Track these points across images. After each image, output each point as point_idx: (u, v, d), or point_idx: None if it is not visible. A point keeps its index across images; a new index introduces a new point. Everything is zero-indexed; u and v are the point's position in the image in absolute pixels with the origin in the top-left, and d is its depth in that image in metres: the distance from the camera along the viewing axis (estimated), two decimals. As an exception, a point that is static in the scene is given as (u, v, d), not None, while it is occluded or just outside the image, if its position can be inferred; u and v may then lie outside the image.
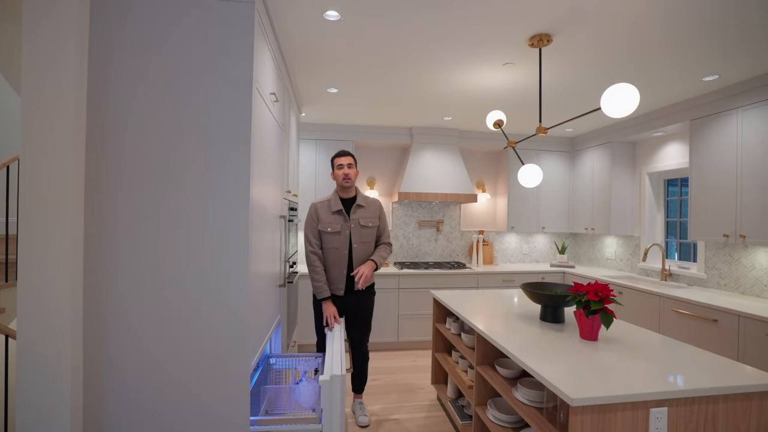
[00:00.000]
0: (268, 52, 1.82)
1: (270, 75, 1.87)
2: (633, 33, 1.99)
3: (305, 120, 3.91)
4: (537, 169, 2.16)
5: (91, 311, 1.34)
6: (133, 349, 1.36)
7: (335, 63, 2.48)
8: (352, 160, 2.36)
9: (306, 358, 1.99)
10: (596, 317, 1.69)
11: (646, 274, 3.74)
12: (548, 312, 2.04)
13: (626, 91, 1.45)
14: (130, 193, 1.37)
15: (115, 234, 1.36)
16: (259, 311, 1.68)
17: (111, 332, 1.35)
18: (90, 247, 1.34)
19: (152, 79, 1.38)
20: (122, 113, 1.36)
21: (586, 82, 2.71)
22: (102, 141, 1.35)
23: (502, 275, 4.04)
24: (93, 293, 1.34)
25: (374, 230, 2.41)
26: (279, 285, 2.25)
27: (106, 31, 1.35)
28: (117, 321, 1.35)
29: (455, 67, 2.49)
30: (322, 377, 1.43)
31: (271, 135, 1.93)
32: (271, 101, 1.90)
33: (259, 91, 1.59)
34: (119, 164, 1.36)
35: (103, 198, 1.35)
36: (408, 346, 3.93)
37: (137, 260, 1.37)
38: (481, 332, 1.90)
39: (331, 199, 2.37)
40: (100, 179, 1.35)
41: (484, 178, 4.71)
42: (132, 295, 1.36)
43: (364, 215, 2.37)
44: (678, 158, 3.47)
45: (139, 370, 1.37)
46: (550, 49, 2.20)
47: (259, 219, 1.64)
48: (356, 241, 2.35)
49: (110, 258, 1.35)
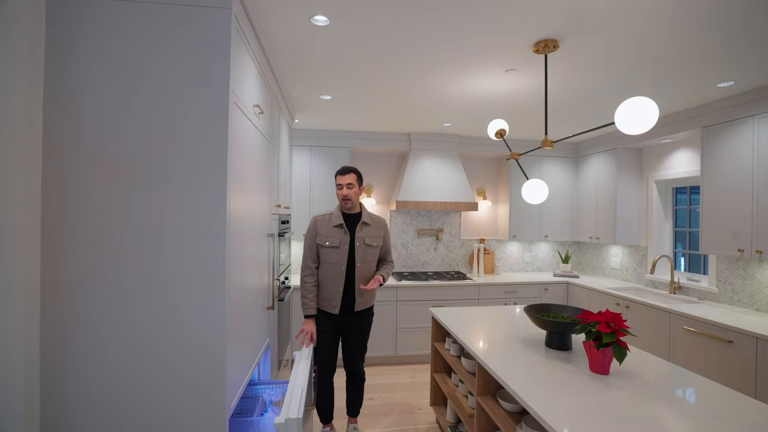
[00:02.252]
0: (251, 61, 1.68)
1: (253, 86, 1.73)
2: (644, 37, 1.85)
3: (299, 126, 3.77)
4: (542, 185, 2.02)
5: (51, 319, 1.21)
6: (97, 359, 1.23)
7: (327, 70, 2.34)
8: (353, 178, 2.22)
9: (273, 386, 1.86)
10: (608, 350, 1.55)
11: (653, 285, 3.60)
12: (554, 339, 1.90)
13: (643, 107, 1.30)
14: (95, 196, 1.23)
15: (76, 243, 1.22)
16: (241, 340, 1.54)
17: (74, 342, 1.22)
18: (49, 254, 1.21)
19: (115, 96, 1.24)
20: (85, 124, 1.22)
21: (595, 90, 2.57)
22: (61, 151, 1.21)
23: (504, 286, 3.90)
24: (52, 301, 1.21)
25: (378, 249, 2.32)
26: (267, 308, 2.11)
27: (65, 37, 1.21)
28: (79, 330, 1.22)
29: (455, 73, 2.35)
30: (277, 419, 1.30)
31: (255, 149, 1.80)
32: (255, 114, 1.76)
33: (239, 105, 1.45)
34: (81, 173, 1.22)
35: (62, 206, 1.21)
36: (406, 360, 3.79)
37: (100, 270, 1.23)
38: (481, 362, 1.76)
39: (333, 213, 2.27)
40: (59, 188, 1.21)
41: (484, 185, 4.57)
42: (95, 308, 1.23)
43: (369, 234, 2.28)
44: (687, 166, 3.32)
45: (102, 381, 1.24)
46: (556, 56, 2.06)
47: (239, 242, 1.50)
48: (360, 260, 2.24)
49: (71, 265, 1.22)
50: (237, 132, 1.44)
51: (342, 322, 2.29)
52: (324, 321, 2.27)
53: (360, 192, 2.25)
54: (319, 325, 2.27)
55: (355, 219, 2.28)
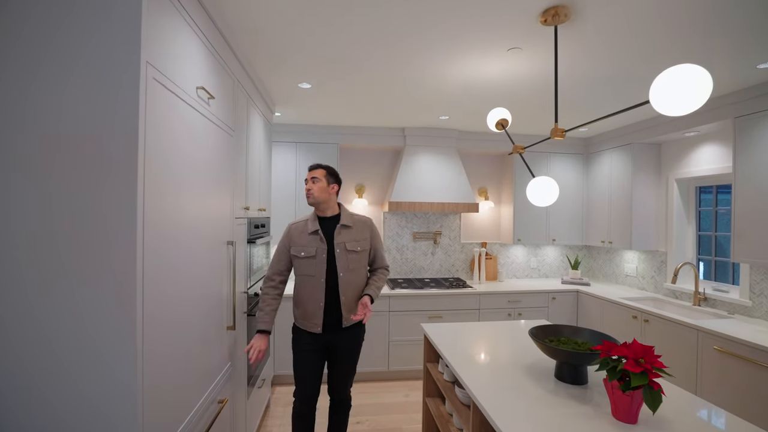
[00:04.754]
0: (193, 37, 1.37)
1: (198, 66, 1.42)
2: (672, 6, 1.51)
3: (281, 120, 3.46)
4: (551, 184, 1.69)
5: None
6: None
7: (301, 52, 2.02)
8: (320, 173, 1.97)
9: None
10: (637, 393, 1.22)
11: (674, 295, 3.24)
12: (566, 370, 1.56)
13: (691, 77, 0.96)
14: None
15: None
16: (176, 390, 1.23)
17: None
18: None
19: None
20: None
21: (612, 70, 2.22)
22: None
23: (507, 295, 3.56)
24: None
25: (364, 254, 2.03)
26: (227, 327, 1.80)
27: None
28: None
29: (450, 55, 2.02)
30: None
31: (204, 142, 1.48)
32: (202, 98, 1.45)
33: (165, 84, 1.13)
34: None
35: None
36: (399, 375, 3.46)
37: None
38: (474, 398, 1.44)
39: (309, 219, 2.01)
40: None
41: (486, 184, 4.23)
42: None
43: (351, 238, 1.99)
44: (714, 162, 2.96)
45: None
46: (567, 28, 1.72)
47: (171, 256, 1.19)
48: (342, 268, 1.94)
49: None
50: (164, 118, 1.13)
51: (327, 341, 1.98)
52: (306, 340, 1.98)
53: (330, 191, 1.99)
54: (301, 344, 1.99)
55: (333, 222, 2.00)
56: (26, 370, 0.95)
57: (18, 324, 0.95)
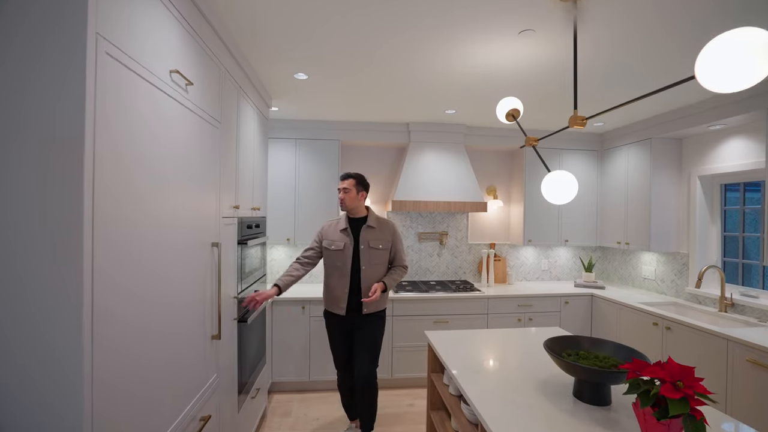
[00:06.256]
0: (167, 15, 1.22)
1: (172, 48, 1.27)
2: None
3: (279, 115, 3.31)
4: (569, 179, 1.50)
5: None
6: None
7: (296, 40, 1.86)
8: (349, 183, 2.29)
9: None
10: (675, 422, 1.04)
11: (697, 300, 3.03)
12: (586, 389, 1.39)
13: (752, 42, 0.78)
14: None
15: None
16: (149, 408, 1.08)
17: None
18: None
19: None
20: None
21: (638, 52, 2.03)
22: None
23: (517, 299, 3.37)
24: None
25: (386, 253, 2.35)
26: (211, 336, 1.65)
27: None
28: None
29: (457, 40, 1.85)
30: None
31: (181, 134, 1.34)
32: (177, 84, 1.30)
33: (125, 62, 0.98)
34: None
35: None
36: (404, 383, 3.30)
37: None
38: (485, 424, 1.26)
39: (341, 219, 2.39)
40: None
41: (495, 183, 4.04)
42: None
43: (374, 237, 2.33)
44: (741, 158, 2.74)
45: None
46: (588, 5, 1.54)
47: (138, 262, 1.04)
48: (365, 262, 2.29)
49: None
50: (122, 98, 0.98)
51: (350, 324, 2.33)
52: (334, 322, 2.35)
53: (359, 197, 2.32)
54: (331, 325, 2.38)
55: (361, 223, 2.35)
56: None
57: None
